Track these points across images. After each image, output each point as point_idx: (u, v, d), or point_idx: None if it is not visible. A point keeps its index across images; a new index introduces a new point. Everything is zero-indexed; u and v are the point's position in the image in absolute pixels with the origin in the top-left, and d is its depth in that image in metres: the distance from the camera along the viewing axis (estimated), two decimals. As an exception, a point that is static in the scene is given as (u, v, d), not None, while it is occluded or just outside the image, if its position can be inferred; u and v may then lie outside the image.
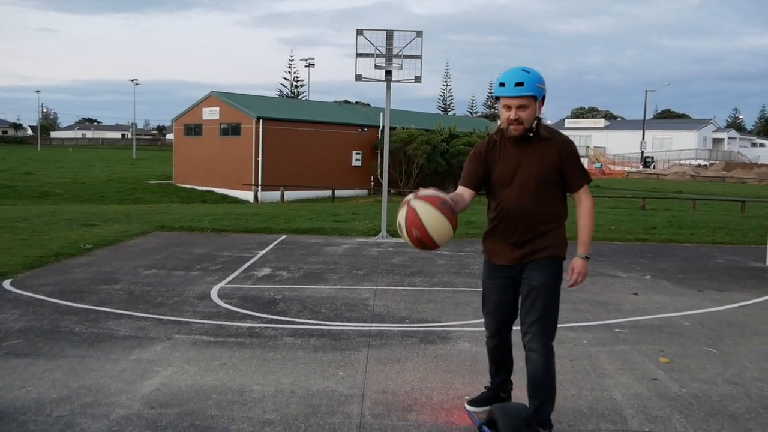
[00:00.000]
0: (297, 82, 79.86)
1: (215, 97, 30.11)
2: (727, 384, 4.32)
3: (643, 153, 61.68)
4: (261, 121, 27.29)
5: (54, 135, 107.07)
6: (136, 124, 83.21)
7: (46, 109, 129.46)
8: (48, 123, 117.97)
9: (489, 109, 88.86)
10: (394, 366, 4.55)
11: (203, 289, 6.97)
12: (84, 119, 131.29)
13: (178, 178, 32.37)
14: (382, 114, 22.29)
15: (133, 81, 73.06)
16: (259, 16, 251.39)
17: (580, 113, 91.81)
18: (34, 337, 5.08)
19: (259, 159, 27.22)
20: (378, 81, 11.87)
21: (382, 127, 27.66)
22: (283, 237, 11.63)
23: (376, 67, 11.64)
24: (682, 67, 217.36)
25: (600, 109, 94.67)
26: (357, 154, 30.26)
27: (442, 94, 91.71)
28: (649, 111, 71.06)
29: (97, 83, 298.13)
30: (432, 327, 5.63)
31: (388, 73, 11.71)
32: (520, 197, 3.27)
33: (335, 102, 47.36)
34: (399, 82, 11.88)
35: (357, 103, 65.83)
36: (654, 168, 58.24)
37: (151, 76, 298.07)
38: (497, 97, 3.27)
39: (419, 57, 11.63)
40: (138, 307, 6.09)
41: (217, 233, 12.09)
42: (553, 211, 3.32)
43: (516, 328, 3.45)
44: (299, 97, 76.05)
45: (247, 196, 27.41)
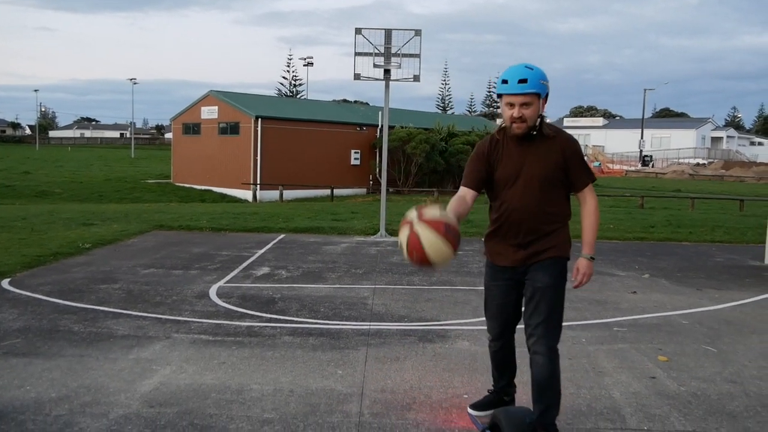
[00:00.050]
0: (295, 81, 79.83)
1: (214, 96, 30.10)
2: (725, 382, 4.33)
3: (641, 152, 61.71)
4: (260, 120, 27.29)
5: (52, 134, 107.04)
6: (134, 124, 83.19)
7: (44, 109, 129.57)
8: (46, 122, 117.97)
9: (488, 108, 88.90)
10: (392, 365, 4.56)
11: (202, 288, 6.97)
12: (82, 118, 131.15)
13: (176, 177, 32.36)
14: (380, 113, 22.27)
15: (131, 80, 73.12)
16: (257, 14, 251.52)
17: (579, 112, 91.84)
18: (33, 336, 5.07)
19: (258, 158, 27.22)
20: (377, 80, 11.87)
21: (380, 126, 27.65)
22: (282, 236, 11.63)
23: (375, 66, 11.64)
24: (681, 66, 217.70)
25: (598, 107, 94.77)
26: (356, 153, 30.26)
27: (441, 93, 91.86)
28: (647, 110, 71.07)
29: (95, 82, 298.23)
30: (431, 326, 5.64)
31: (387, 72, 11.71)
32: (524, 197, 3.20)
33: (334, 101, 47.37)
34: (398, 81, 11.89)
35: (356, 102, 65.82)
36: (653, 167, 58.28)
37: (149, 75, 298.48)
38: (500, 95, 3.18)
39: (418, 56, 11.64)
40: (137, 307, 6.09)
41: (215, 232, 12.08)
42: (557, 211, 3.25)
43: (519, 325, 3.42)
44: (298, 96, 76.00)
45: (245, 195, 27.40)
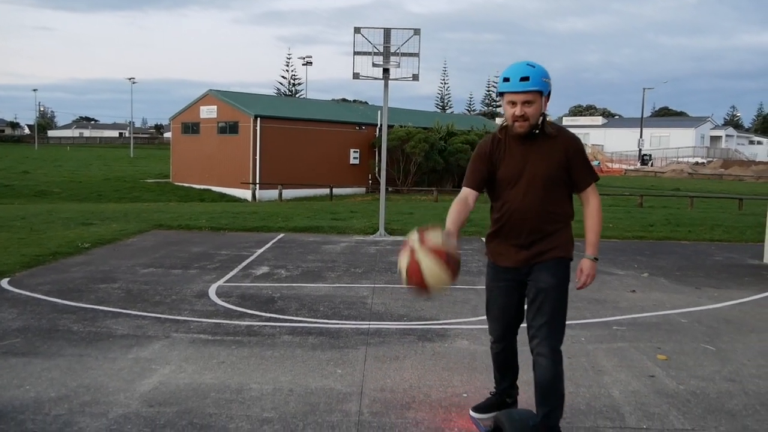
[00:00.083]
0: (294, 80, 79.84)
1: (213, 96, 30.09)
2: (724, 381, 4.33)
3: (640, 151, 61.74)
4: (259, 119, 27.28)
5: (51, 134, 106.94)
6: (133, 123, 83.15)
7: (43, 108, 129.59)
8: (45, 122, 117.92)
9: (487, 107, 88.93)
10: (392, 364, 4.56)
11: (201, 288, 6.97)
12: (81, 118, 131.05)
13: (175, 176, 32.35)
14: (379, 112, 22.27)
15: (130, 79, 73.03)
16: (256, 13, 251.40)
17: (578, 111, 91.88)
18: (32, 336, 5.07)
19: (257, 157, 27.21)
20: (376, 79, 11.87)
21: (379, 125, 27.64)
22: (281, 235, 11.62)
23: (374, 65, 11.64)
24: (680, 65, 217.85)
25: (598, 106, 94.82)
26: (355, 152, 30.25)
27: (440, 92, 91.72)
28: (646, 109, 71.02)
29: (94, 82, 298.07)
30: (430, 325, 5.64)
31: (386, 71, 11.70)
32: (527, 197, 3.16)
33: (333, 100, 47.35)
34: (397, 80, 11.89)
35: (355, 101, 65.80)
36: (652, 166, 58.33)
37: (148, 74, 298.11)
38: (501, 93, 3.13)
39: (417, 55, 11.63)
40: (136, 306, 6.09)
41: (214, 232, 12.08)
42: (560, 211, 3.21)
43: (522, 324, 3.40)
44: (297, 95, 76.00)
45: (245, 194, 27.40)
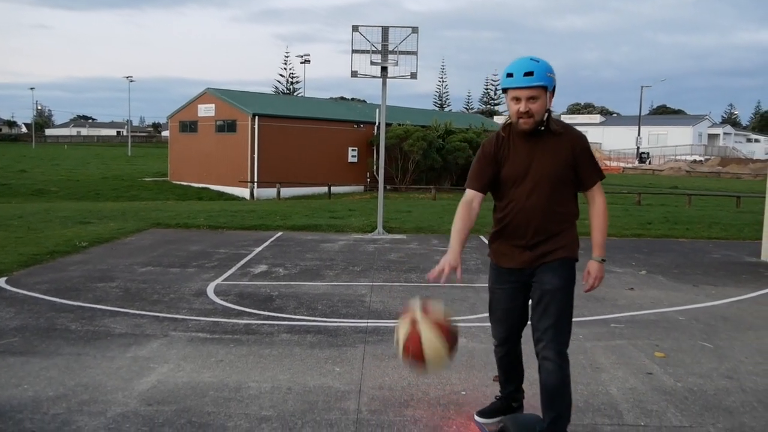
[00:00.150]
0: (293, 78, 79.83)
1: (211, 94, 30.04)
2: (722, 378, 4.34)
3: (638, 149, 61.83)
4: (257, 117, 27.24)
5: (49, 132, 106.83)
6: (131, 121, 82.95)
7: (40, 107, 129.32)
8: (42, 120, 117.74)
9: (485, 105, 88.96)
10: (390, 362, 4.56)
11: (199, 287, 6.97)
12: (79, 116, 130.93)
13: (173, 175, 32.31)
14: (377, 110, 22.25)
15: (128, 78, 72.94)
16: (254, 12, 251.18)
17: (576, 109, 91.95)
18: (30, 335, 5.07)
19: (255, 156, 27.18)
20: (374, 77, 11.87)
21: (378, 123, 27.64)
22: (280, 234, 11.62)
23: (372, 63, 11.63)
24: (678, 63, 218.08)
25: (596, 105, 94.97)
26: (353, 150, 30.22)
27: (438, 91, 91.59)
28: (644, 107, 71.16)
29: (92, 80, 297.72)
30: (428, 323, 5.64)
31: (384, 69, 11.70)
32: (532, 196, 3.06)
33: (331, 98, 47.35)
34: (395, 78, 11.88)
35: (353, 99, 65.77)
36: (649, 164, 58.40)
37: (146, 72, 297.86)
38: (505, 90, 3.04)
39: (415, 53, 11.62)
40: (134, 305, 6.08)
41: (213, 230, 12.08)
42: (566, 211, 3.12)
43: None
44: (295, 93, 75.96)
45: (243, 193, 27.38)
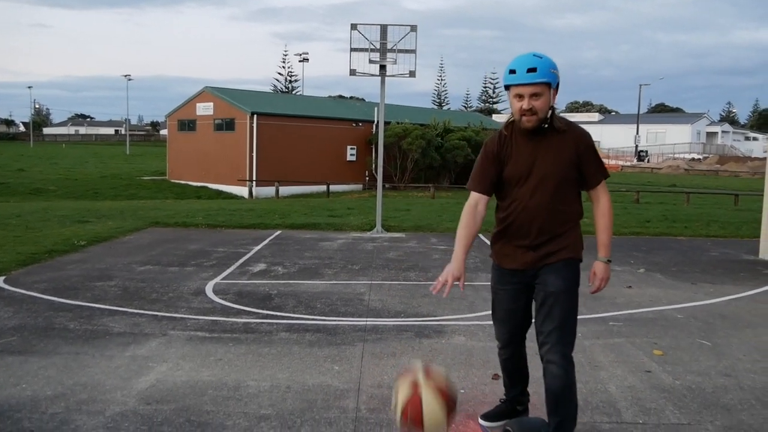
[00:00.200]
0: (291, 76, 79.82)
1: (209, 93, 30.02)
2: (720, 376, 4.35)
3: (637, 147, 61.88)
4: (255, 116, 27.23)
5: (47, 131, 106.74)
6: (129, 120, 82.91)
7: (38, 105, 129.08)
8: (40, 119, 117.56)
9: (483, 104, 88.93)
10: (389, 360, 4.56)
11: (198, 285, 6.96)
12: (77, 115, 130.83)
13: (172, 174, 32.29)
14: (376, 109, 22.26)
15: (126, 76, 72.91)
16: (252, 10, 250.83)
17: (575, 107, 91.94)
18: (29, 334, 5.06)
19: (254, 154, 27.17)
20: (372, 75, 11.86)
21: (376, 121, 27.65)
22: (278, 232, 11.62)
23: (371, 61, 11.62)
24: (677, 62, 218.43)
25: (594, 103, 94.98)
26: (351, 149, 30.23)
27: (437, 89, 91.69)
28: (643, 105, 71.33)
29: (89, 79, 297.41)
30: (427, 321, 5.64)
31: (383, 67, 11.69)
32: (535, 195, 2.98)
33: (329, 97, 47.32)
34: (393, 76, 11.87)
35: (351, 97, 65.76)
36: (648, 162, 58.44)
37: (144, 71, 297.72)
38: (507, 86, 2.95)
39: (413, 51, 11.62)
40: (133, 304, 6.08)
41: (211, 229, 12.07)
42: (570, 210, 3.05)
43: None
44: (293, 92, 75.93)
45: (241, 191, 27.37)
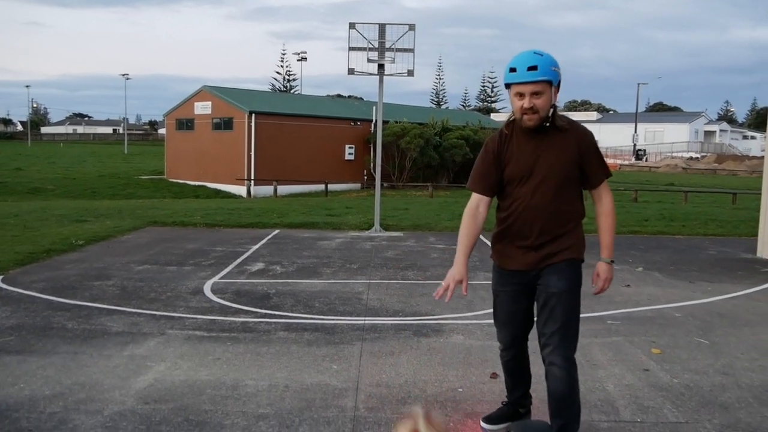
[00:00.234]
0: (289, 76, 79.79)
1: (207, 92, 29.99)
2: (717, 374, 4.35)
3: (635, 146, 61.92)
4: (253, 115, 27.21)
5: (44, 130, 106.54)
6: (127, 119, 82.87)
7: (36, 104, 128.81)
8: (38, 118, 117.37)
9: (482, 103, 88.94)
10: (387, 359, 4.56)
11: (196, 285, 6.96)
12: (74, 114, 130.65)
13: (170, 173, 32.26)
14: (374, 108, 22.25)
15: (124, 75, 72.85)
16: (249, 9, 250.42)
17: (573, 106, 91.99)
18: (27, 333, 5.06)
19: (252, 153, 27.15)
20: (371, 74, 11.85)
21: (374, 120, 27.63)
22: (277, 231, 11.62)
23: (369, 60, 11.60)
24: (675, 60, 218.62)
25: (592, 102, 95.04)
26: (350, 148, 30.21)
27: (435, 88, 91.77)
28: (641, 104, 71.39)
29: (87, 78, 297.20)
30: (425, 320, 5.65)
31: (381, 66, 11.68)
32: (537, 195, 2.95)
33: (328, 96, 47.31)
34: (392, 75, 11.86)
35: (350, 96, 65.78)
36: (646, 160, 58.50)
37: (142, 70, 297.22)
38: (508, 85, 2.91)
39: (412, 50, 11.61)
40: (131, 303, 6.07)
41: (209, 228, 12.06)
42: (572, 210, 3.00)
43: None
44: (292, 91, 75.90)
45: (239, 190, 27.35)
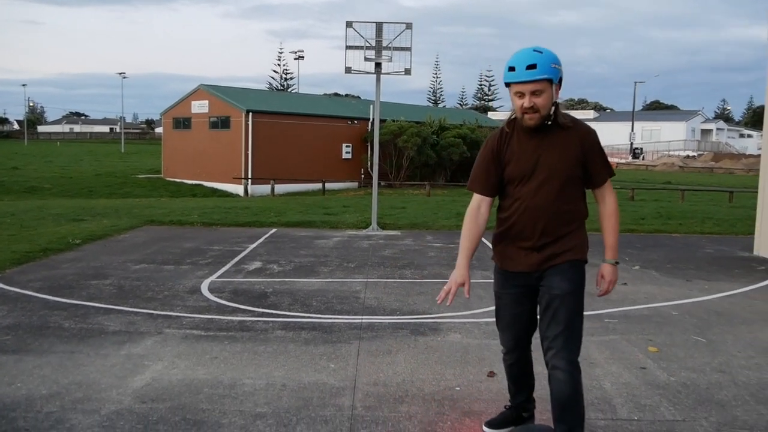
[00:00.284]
0: (286, 74, 79.73)
1: (204, 90, 29.95)
2: (714, 372, 4.36)
3: (632, 144, 61.99)
4: (250, 114, 27.18)
5: (41, 129, 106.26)
6: (124, 118, 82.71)
7: (32, 103, 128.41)
8: (35, 117, 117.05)
9: (479, 101, 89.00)
10: (385, 358, 4.56)
11: (193, 284, 6.95)
12: (71, 113, 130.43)
13: (167, 171, 32.21)
14: (372, 106, 22.24)
15: (120, 74, 72.61)
16: (246, 7, 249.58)
17: (570, 105, 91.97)
18: (23, 333, 5.04)
19: (249, 152, 27.12)
20: (368, 73, 11.84)
21: (372, 119, 27.61)
22: (274, 230, 11.60)
23: (366, 59, 11.60)
24: (671, 59, 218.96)
25: (589, 100, 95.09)
26: (347, 146, 30.21)
27: (432, 86, 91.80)
28: (638, 102, 71.58)
29: (84, 77, 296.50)
30: (423, 319, 5.65)
31: (378, 65, 11.67)
32: (539, 195, 2.88)
33: (325, 94, 47.27)
34: (389, 74, 11.86)
35: (347, 95, 65.75)
36: (643, 159, 58.58)
37: (139, 69, 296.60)
38: (508, 84, 2.84)
39: (409, 49, 11.61)
40: (128, 302, 6.06)
41: (207, 227, 12.04)
42: (575, 209, 2.95)
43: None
44: (289, 89, 75.83)
45: (237, 189, 27.32)
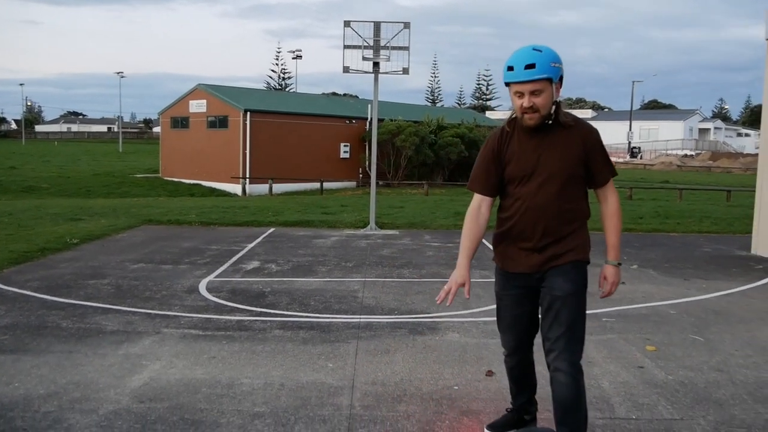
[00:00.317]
0: (284, 74, 79.62)
1: (202, 90, 29.91)
2: (712, 371, 4.37)
3: (630, 143, 62.04)
4: (248, 113, 27.16)
5: (39, 129, 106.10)
6: (122, 118, 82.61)
7: (30, 103, 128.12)
8: (32, 116, 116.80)
9: (477, 101, 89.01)
10: (383, 357, 4.57)
11: (191, 283, 6.94)
12: (69, 112, 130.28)
13: (165, 171, 32.18)
14: (370, 106, 22.22)
15: (118, 74, 72.48)
16: (244, 7, 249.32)
17: (568, 104, 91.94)
18: (21, 332, 5.04)
19: (247, 152, 27.11)
20: (366, 72, 11.84)
21: (370, 118, 27.59)
22: (272, 230, 11.60)
23: (364, 58, 11.60)
24: (669, 58, 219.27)
25: (587, 100, 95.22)
26: (345, 146, 30.20)
27: (430, 86, 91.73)
28: (636, 101, 71.47)
29: (82, 76, 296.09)
30: (421, 318, 5.65)
31: (376, 64, 11.67)
32: (540, 195, 2.83)
33: (323, 94, 47.25)
34: (387, 73, 11.86)
35: (345, 94, 65.77)
36: (641, 158, 58.65)
37: (137, 68, 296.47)
38: (507, 83, 2.80)
39: (407, 48, 11.61)
40: (126, 302, 6.06)
41: (205, 227, 12.03)
42: (577, 209, 2.90)
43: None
44: (287, 89, 75.77)
45: (235, 189, 27.31)
